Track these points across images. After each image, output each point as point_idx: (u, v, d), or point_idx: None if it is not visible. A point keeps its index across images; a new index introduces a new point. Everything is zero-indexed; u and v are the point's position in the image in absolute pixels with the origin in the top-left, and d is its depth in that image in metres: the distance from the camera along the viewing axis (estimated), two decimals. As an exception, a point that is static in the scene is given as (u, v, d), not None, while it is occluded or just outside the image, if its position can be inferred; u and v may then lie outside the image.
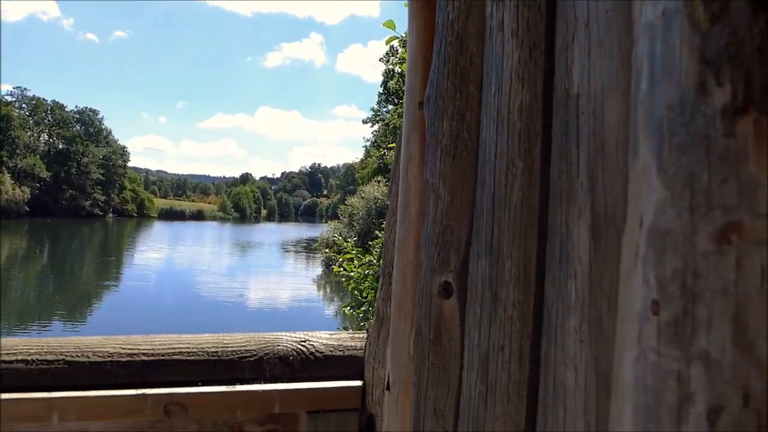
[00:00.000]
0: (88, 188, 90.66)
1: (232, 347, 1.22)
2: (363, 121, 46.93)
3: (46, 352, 1.16)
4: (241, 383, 1.20)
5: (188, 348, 1.20)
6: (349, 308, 5.35)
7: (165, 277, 29.82)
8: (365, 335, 1.30)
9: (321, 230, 45.00)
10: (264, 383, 1.20)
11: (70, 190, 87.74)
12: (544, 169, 0.68)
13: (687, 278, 0.42)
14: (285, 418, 1.22)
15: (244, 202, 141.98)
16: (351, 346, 1.29)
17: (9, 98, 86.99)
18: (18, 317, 19.21)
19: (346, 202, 33.30)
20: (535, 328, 0.68)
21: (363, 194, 30.48)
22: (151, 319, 17.75)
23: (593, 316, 0.55)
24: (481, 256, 0.80)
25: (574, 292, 0.59)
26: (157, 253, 43.39)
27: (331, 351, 1.27)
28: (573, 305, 0.59)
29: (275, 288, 27.34)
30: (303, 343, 1.26)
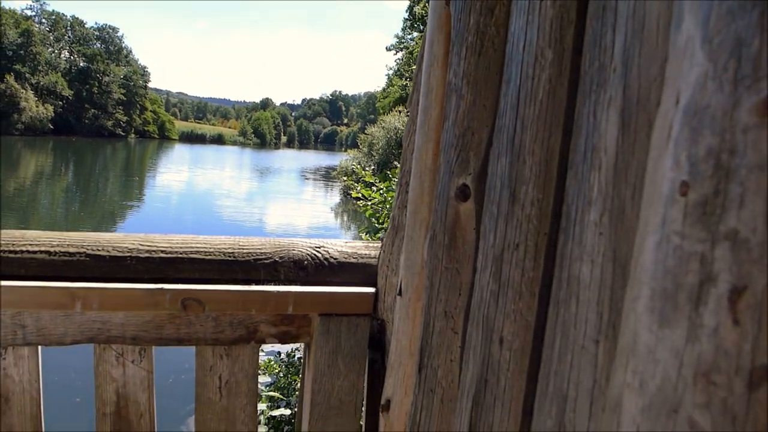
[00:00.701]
0: (110, 108, 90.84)
1: (247, 249, 1.23)
2: (386, 48, 45.55)
3: (68, 244, 1.19)
4: (257, 284, 1.22)
5: (205, 248, 1.22)
6: (365, 233, 5.40)
7: (185, 199, 30.31)
8: (380, 244, 1.30)
9: (340, 159, 44.88)
10: (278, 285, 1.23)
11: (92, 110, 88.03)
12: (575, 59, 0.64)
13: (722, 156, 0.40)
14: (298, 321, 1.25)
15: (264, 127, 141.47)
16: (365, 254, 1.30)
17: (29, 12, 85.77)
18: (48, 230, 19.88)
19: (366, 132, 32.96)
20: (553, 225, 0.66)
21: (383, 124, 30.07)
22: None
23: (616, 207, 0.53)
24: (501, 156, 0.77)
25: (597, 184, 0.56)
26: (178, 175, 43.92)
27: (346, 258, 1.29)
28: (594, 198, 0.57)
29: (293, 214, 27.67)
30: (318, 249, 1.27)
